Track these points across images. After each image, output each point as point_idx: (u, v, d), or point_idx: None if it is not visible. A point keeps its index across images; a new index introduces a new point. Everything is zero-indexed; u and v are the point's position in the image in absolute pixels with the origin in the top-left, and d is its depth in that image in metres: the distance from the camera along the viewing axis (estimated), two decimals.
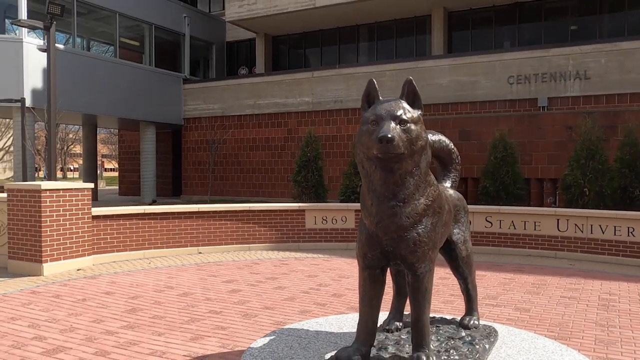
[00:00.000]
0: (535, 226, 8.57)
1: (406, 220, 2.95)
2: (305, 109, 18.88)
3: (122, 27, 21.13)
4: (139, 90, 20.33)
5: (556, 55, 14.58)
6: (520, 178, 10.39)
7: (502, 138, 10.44)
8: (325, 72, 18.64)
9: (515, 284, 6.54)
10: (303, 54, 23.32)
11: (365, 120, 2.99)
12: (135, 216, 8.34)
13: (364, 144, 2.94)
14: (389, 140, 2.74)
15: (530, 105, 14.92)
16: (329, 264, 7.90)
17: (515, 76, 15.20)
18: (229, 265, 7.80)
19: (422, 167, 2.97)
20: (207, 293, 6.05)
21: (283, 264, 7.90)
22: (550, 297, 5.90)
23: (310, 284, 6.54)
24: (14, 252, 7.37)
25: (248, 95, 20.21)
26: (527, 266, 7.76)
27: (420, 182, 2.97)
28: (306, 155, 11.15)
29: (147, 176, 21.36)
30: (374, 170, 2.93)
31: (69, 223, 7.47)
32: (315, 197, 11.01)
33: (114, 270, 7.43)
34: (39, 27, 9.82)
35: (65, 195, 7.42)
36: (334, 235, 9.30)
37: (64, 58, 17.58)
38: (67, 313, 5.23)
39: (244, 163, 20.33)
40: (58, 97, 17.02)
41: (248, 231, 9.09)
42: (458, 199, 3.87)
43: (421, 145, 2.94)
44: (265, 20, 21.47)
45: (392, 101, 3.01)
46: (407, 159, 2.88)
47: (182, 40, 23.03)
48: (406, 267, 3.07)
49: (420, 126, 2.98)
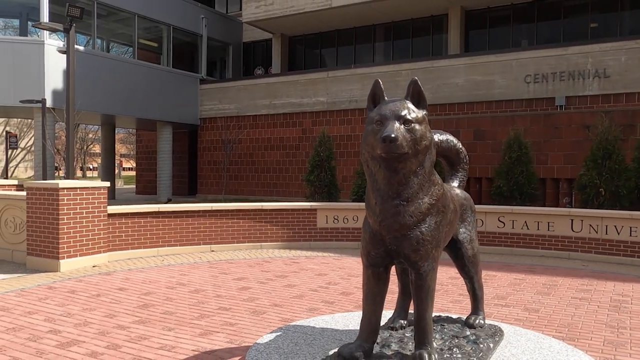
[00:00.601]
0: (548, 226, 8.50)
1: (409, 219, 2.98)
2: (320, 108, 18.94)
3: (140, 29, 21.43)
4: (156, 91, 20.60)
5: (575, 54, 14.41)
6: (534, 178, 10.30)
7: (516, 137, 10.36)
8: (340, 72, 18.68)
9: (525, 285, 6.51)
10: (319, 54, 23.38)
11: (370, 120, 3.03)
12: (150, 214, 8.47)
13: (368, 144, 2.98)
14: (392, 140, 2.78)
15: (548, 104, 14.78)
16: (339, 262, 7.94)
17: (532, 75, 15.07)
18: (240, 263, 7.88)
19: (426, 166, 3.00)
20: (218, 290, 6.13)
21: (294, 262, 7.96)
22: (560, 297, 5.86)
23: (319, 282, 6.58)
24: (33, 249, 7.54)
25: (263, 95, 20.34)
26: (539, 267, 7.71)
27: (424, 181, 3.00)
28: (319, 155, 11.20)
29: (164, 175, 21.63)
30: (378, 170, 2.97)
31: (85, 221, 7.62)
32: (328, 197, 11.06)
33: (128, 267, 7.56)
34: (59, 30, 10.02)
35: (82, 193, 7.57)
36: (345, 234, 9.33)
37: (83, 59, 17.91)
38: (82, 308, 5.34)
39: (259, 163, 20.47)
40: (77, 98, 17.36)
41: (260, 230, 9.17)
42: (465, 198, 3.88)
43: (425, 145, 2.96)
44: (281, 21, 21.58)
45: (397, 101, 3.04)
46: (411, 159, 2.91)
47: (200, 41, 23.26)
48: (409, 265, 3.10)
49: (425, 126, 3.00)
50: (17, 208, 7.98)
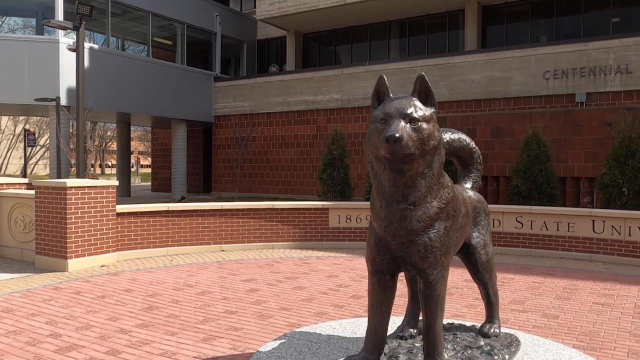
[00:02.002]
0: (569, 227, 8.20)
1: (417, 224, 2.79)
2: (334, 106, 18.74)
3: (155, 27, 21.44)
4: (171, 89, 20.59)
5: (596, 49, 14.01)
6: (554, 177, 9.97)
7: (535, 135, 10.03)
8: (354, 69, 18.45)
9: (544, 288, 6.25)
10: (333, 50, 23.16)
11: (375, 119, 2.85)
12: (159, 213, 8.37)
13: (372, 144, 2.80)
14: (396, 140, 2.59)
15: (568, 101, 14.40)
16: (351, 263, 7.75)
17: (551, 71, 14.69)
18: (249, 263, 7.73)
19: (434, 167, 2.80)
20: (225, 292, 5.98)
21: (304, 263, 7.79)
22: (581, 303, 5.60)
23: (329, 284, 6.40)
24: (41, 248, 7.48)
25: (277, 92, 20.19)
26: (559, 269, 7.42)
27: (433, 183, 2.81)
28: (332, 153, 11.00)
29: (178, 173, 21.62)
30: (383, 171, 2.79)
31: (93, 220, 7.53)
32: (341, 196, 10.87)
33: (136, 267, 7.46)
34: (69, 28, 9.97)
35: (90, 192, 7.48)
36: (357, 234, 9.13)
37: (98, 57, 17.95)
38: (85, 310, 5.23)
39: (273, 160, 20.35)
40: (92, 96, 17.44)
41: (271, 229, 9.02)
42: (478, 200, 3.67)
43: (433, 145, 2.77)
44: (295, 18, 21.41)
45: (403, 98, 2.85)
46: (418, 160, 2.72)
47: (214, 39, 23.21)
48: (417, 273, 2.91)
49: (433, 125, 2.81)
50: (27, 207, 7.93)
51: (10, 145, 52.25)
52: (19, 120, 52.39)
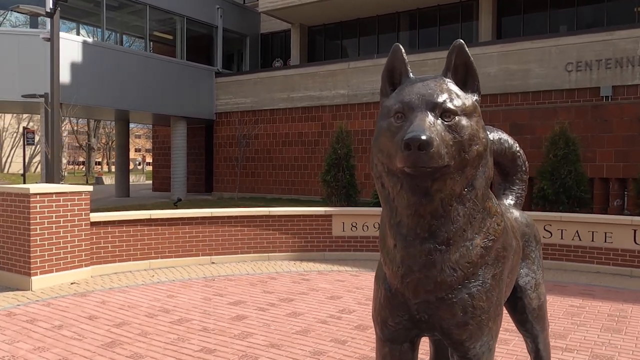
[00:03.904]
0: (605, 237, 7.17)
1: (451, 275, 1.81)
2: (340, 102, 17.75)
3: (153, 20, 20.54)
4: (170, 85, 19.68)
5: (623, 39, 12.91)
6: (584, 179, 8.93)
7: (562, 132, 8.99)
8: (361, 63, 17.44)
9: (587, 316, 5.24)
10: (340, 44, 22.16)
11: (386, 112, 1.88)
12: (140, 222, 7.44)
13: (383, 150, 1.84)
14: (423, 145, 1.63)
15: (592, 95, 13.32)
16: (356, 280, 6.77)
17: (574, 63, 13.62)
18: (241, 280, 6.78)
19: (477, 186, 1.83)
20: (207, 320, 5.03)
21: (303, 279, 6.82)
22: (637, 337, 4.59)
23: (331, 309, 5.43)
24: (3, 263, 6.58)
25: (281, 88, 19.23)
26: (598, 288, 6.39)
27: (476, 211, 1.84)
28: (336, 153, 10.03)
29: (178, 172, 20.73)
30: (399, 193, 1.82)
31: (63, 231, 6.61)
32: (346, 199, 9.89)
33: (110, 284, 6.54)
34: (41, 14, 9.08)
35: (58, 199, 6.56)
36: (364, 243, 8.16)
37: (93, 52, 17.09)
38: (33, 347, 4.31)
39: (276, 159, 19.40)
40: (87, 92, 16.58)
41: (267, 239, 8.06)
42: (527, 224, 2.68)
43: (477, 153, 1.80)
44: (300, 10, 20.42)
45: (430, 80, 1.88)
46: (455, 175, 1.76)
47: (215, 33, 22.27)
48: (451, 345, 1.93)
49: (477, 121, 1.84)
50: None
51: (13, 144, 51.79)
52: (22, 118, 51.85)
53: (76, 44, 16.67)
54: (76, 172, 62.05)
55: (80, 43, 16.86)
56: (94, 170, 53.44)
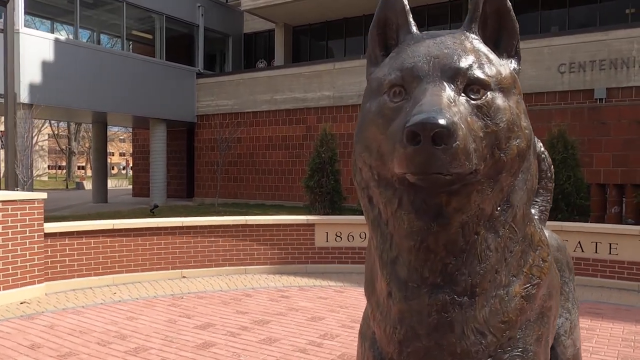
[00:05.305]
0: (610, 249, 6.62)
1: (478, 342, 1.19)
2: (325, 104, 17.14)
3: (131, 18, 19.77)
4: (149, 86, 18.90)
5: (618, 39, 12.46)
6: (583, 185, 8.39)
7: (561, 135, 8.44)
8: (347, 64, 16.84)
9: (599, 340, 4.64)
10: (325, 45, 21.57)
11: (377, 88, 1.27)
12: (102, 233, 6.73)
13: (371, 147, 1.21)
14: (441, 135, 1.01)
15: (585, 97, 12.85)
16: (340, 297, 6.13)
17: (567, 64, 13.15)
18: (213, 298, 6.10)
19: (517, 203, 1.21)
20: (167, 350, 4.35)
21: (282, 296, 6.16)
22: None
23: (311, 333, 4.78)
24: None
25: (264, 89, 18.57)
26: (606, 306, 5.81)
27: (514, 241, 1.22)
28: (320, 157, 9.40)
29: (157, 178, 19.93)
30: (395, 212, 1.18)
31: (11, 244, 5.90)
32: (330, 206, 9.26)
33: (65, 304, 5.82)
34: None
35: (6, 208, 5.85)
36: (349, 255, 7.52)
37: (67, 51, 16.28)
38: None
39: (260, 164, 18.71)
40: (61, 93, 15.77)
41: (244, 250, 7.39)
42: (558, 248, 2.06)
43: (519, 151, 1.19)
44: (284, 8, 19.80)
45: (446, 35, 1.26)
46: (484, 186, 1.13)
47: (196, 32, 21.55)
48: None
49: (518, 102, 1.23)
50: None
51: None
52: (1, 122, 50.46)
53: (48, 41, 15.86)
54: (58, 177, 60.73)
55: (52, 41, 16.06)
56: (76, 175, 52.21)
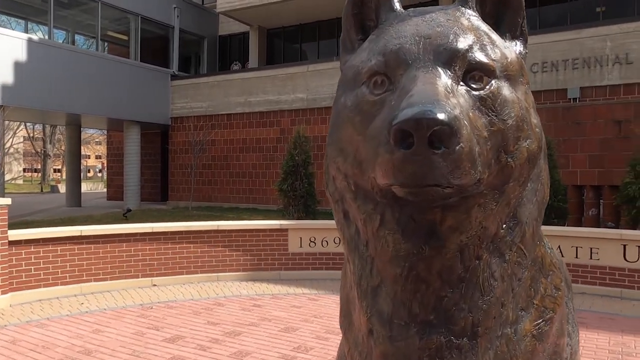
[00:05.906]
0: (591, 254, 6.55)
1: None
2: (299, 106, 17.00)
3: (106, 19, 19.34)
4: (123, 87, 18.49)
5: (590, 37, 12.55)
6: (561, 187, 8.35)
7: None
8: (321, 66, 16.74)
9: (586, 352, 4.44)
10: (299, 47, 21.44)
11: (353, 77, 1.10)
12: (70, 240, 6.47)
13: (346, 150, 1.04)
14: (440, 134, 0.84)
15: (559, 97, 12.94)
16: (315, 306, 5.98)
17: (539, 64, 13.21)
18: (183, 307, 5.90)
19: (525, 219, 1.06)
20: None
21: (255, 305, 5.99)
22: None
23: (284, 346, 4.63)
24: None
25: (238, 92, 18.35)
26: (589, 314, 5.65)
27: (522, 266, 1.06)
28: (294, 159, 9.25)
29: (131, 181, 19.52)
30: (377, 232, 1.01)
31: None
32: (304, 210, 9.11)
33: (29, 316, 5.56)
34: None
35: None
36: (324, 261, 7.38)
37: (40, 50, 15.82)
38: None
39: (234, 166, 18.47)
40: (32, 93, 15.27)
41: (216, 257, 7.20)
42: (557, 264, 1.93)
43: (529, 154, 1.03)
44: (258, 10, 19.62)
45: (438, 12, 1.10)
46: (487, 199, 0.97)
47: (171, 34, 21.21)
48: None
49: (526, 93, 1.08)
50: None
51: None
52: None
53: (20, 41, 15.40)
54: (33, 180, 59.36)
55: (25, 41, 15.59)
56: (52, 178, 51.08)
